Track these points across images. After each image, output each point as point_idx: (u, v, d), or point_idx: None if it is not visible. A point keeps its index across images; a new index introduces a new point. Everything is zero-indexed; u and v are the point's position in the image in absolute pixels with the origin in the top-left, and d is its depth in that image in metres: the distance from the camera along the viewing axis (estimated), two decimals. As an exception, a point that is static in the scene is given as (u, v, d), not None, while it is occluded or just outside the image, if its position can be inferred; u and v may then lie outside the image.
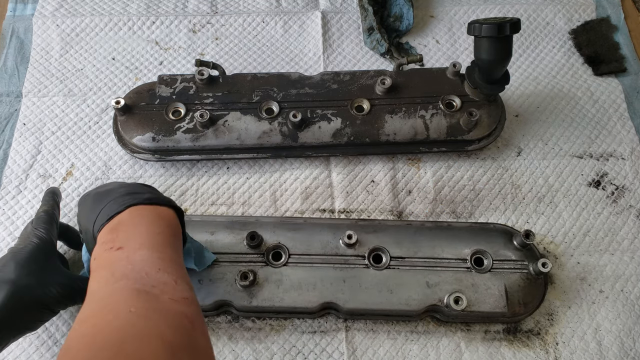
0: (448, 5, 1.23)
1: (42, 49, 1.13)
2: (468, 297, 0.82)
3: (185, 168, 1.01)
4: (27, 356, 0.83)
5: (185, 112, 0.97)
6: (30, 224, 0.79)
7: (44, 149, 1.02)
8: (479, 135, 0.98)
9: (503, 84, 0.94)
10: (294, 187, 1.00)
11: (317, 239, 0.87)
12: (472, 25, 0.85)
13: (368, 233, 0.88)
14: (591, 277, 0.92)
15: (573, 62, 1.16)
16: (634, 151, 1.05)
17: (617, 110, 1.10)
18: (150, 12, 1.19)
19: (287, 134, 0.96)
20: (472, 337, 0.87)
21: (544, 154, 1.04)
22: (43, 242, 0.75)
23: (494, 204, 0.99)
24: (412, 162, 1.03)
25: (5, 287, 0.68)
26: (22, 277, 0.69)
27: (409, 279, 0.85)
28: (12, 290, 0.68)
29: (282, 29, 1.18)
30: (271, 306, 0.83)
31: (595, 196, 1.00)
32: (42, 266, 0.72)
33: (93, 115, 1.06)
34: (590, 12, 1.22)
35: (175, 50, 1.15)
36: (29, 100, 1.07)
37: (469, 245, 0.88)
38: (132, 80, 1.11)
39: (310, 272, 0.85)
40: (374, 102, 0.98)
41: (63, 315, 0.86)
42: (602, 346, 0.87)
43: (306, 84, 1.01)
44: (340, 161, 1.03)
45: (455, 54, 1.17)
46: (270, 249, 0.86)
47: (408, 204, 0.99)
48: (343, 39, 1.18)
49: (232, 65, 1.13)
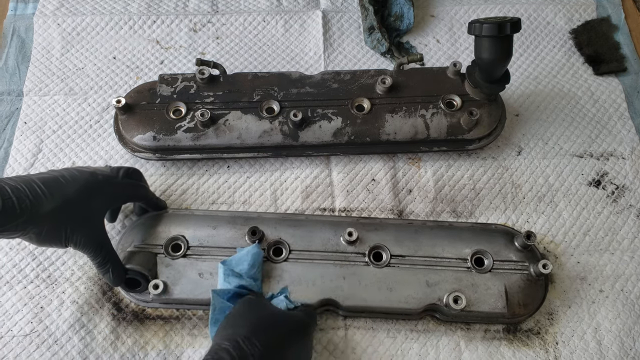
0: (448, 5, 1.23)
1: (43, 48, 1.13)
2: (468, 297, 0.82)
3: (186, 167, 1.01)
4: (28, 354, 0.83)
5: (186, 111, 0.97)
6: (126, 172, 0.84)
7: (45, 147, 1.02)
8: (480, 134, 0.98)
9: (503, 83, 0.94)
10: (294, 186, 1.00)
11: (318, 236, 0.88)
12: (473, 24, 0.86)
13: (369, 231, 0.88)
14: (591, 276, 0.92)
15: (573, 62, 1.16)
16: (634, 151, 1.05)
17: (617, 110, 1.10)
18: (151, 11, 1.19)
19: (287, 133, 0.97)
20: (471, 336, 0.87)
21: (544, 154, 1.04)
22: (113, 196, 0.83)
23: (494, 203, 0.99)
24: (412, 161, 1.03)
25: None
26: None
27: (409, 278, 0.85)
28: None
29: (282, 28, 1.19)
30: None
31: (595, 196, 1.00)
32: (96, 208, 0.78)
33: (94, 114, 1.06)
34: (591, 12, 1.22)
35: (176, 50, 1.15)
36: (30, 99, 1.07)
37: (469, 245, 0.88)
38: (133, 79, 1.11)
39: (311, 269, 0.85)
40: (374, 102, 0.99)
41: (63, 314, 0.86)
42: (602, 345, 0.87)
43: (307, 83, 1.01)
44: (341, 160, 1.03)
45: (455, 53, 1.17)
46: (271, 244, 0.87)
47: (408, 203, 0.99)
48: (344, 38, 1.18)
49: (233, 64, 1.14)
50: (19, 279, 0.89)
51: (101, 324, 0.86)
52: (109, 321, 0.86)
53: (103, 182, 0.79)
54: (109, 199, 0.81)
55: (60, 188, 0.72)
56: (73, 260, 0.91)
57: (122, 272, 0.80)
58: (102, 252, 0.77)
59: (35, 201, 0.69)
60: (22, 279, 0.89)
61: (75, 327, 0.86)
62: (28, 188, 0.69)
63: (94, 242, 0.76)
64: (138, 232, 0.88)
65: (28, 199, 0.68)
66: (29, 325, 0.85)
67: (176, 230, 0.88)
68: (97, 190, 0.77)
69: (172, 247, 0.87)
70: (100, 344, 0.84)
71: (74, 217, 0.73)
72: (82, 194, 0.74)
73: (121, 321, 0.86)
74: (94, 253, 0.76)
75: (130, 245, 0.86)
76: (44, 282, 0.89)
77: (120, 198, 0.86)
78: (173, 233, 0.87)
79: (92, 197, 0.76)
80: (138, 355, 0.84)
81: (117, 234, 0.93)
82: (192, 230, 0.88)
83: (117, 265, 0.79)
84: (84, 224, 0.75)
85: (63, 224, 0.72)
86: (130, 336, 0.85)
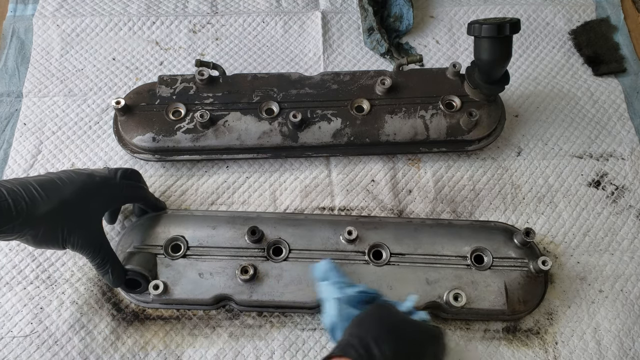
0: (448, 6, 1.24)
1: (42, 49, 1.13)
2: (468, 294, 0.82)
3: (185, 168, 1.01)
4: (28, 355, 0.83)
5: (186, 113, 0.97)
6: (123, 173, 0.84)
7: (45, 148, 1.02)
8: (479, 135, 0.98)
9: (503, 84, 0.94)
10: (293, 187, 1.00)
11: (318, 235, 0.88)
12: (472, 25, 0.86)
13: (368, 229, 0.88)
14: (591, 276, 0.92)
15: (573, 63, 1.17)
16: (634, 151, 1.05)
17: (617, 111, 1.10)
18: (151, 13, 1.19)
19: (287, 134, 0.97)
20: (471, 335, 0.87)
21: (544, 154, 1.05)
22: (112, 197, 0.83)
23: (494, 204, 0.99)
24: (412, 162, 1.03)
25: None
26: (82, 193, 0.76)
27: (408, 276, 0.85)
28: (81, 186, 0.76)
29: (282, 29, 1.19)
30: (271, 300, 0.83)
31: (595, 196, 1.01)
32: (93, 209, 0.78)
33: (93, 116, 1.06)
34: (590, 13, 1.23)
35: (175, 51, 1.15)
36: (30, 100, 1.07)
37: (469, 243, 0.88)
38: (133, 80, 1.11)
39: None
40: (374, 102, 0.99)
41: (63, 315, 0.86)
42: (601, 345, 0.87)
43: (306, 84, 1.01)
44: (340, 161, 1.03)
45: (455, 54, 1.17)
46: (270, 244, 0.87)
47: (408, 203, 0.99)
48: (343, 39, 1.18)
49: (232, 65, 1.14)
50: (19, 280, 0.89)
51: (101, 324, 0.86)
52: (109, 322, 0.86)
53: (100, 183, 0.79)
54: (107, 200, 0.81)
55: (57, 190, 0.72)
56: (73, 262, 0.91)
57: (121, 272, 0.80)
58: (100, 253, 0.77)
59: (31, 203, 0.69)
60: (22, 280, 0.89)
61: (75, 327, 0.86)
62: (24, 190, 0.69)
63: (92, 243, 0.76)
64: (138, 233, 0.88)
65: (24, 201, 0.68)
66: (29, 326, 0.85)
67: (176, 230, 0.88)
68: (94, 192, 0.77)
69: (171, 247, 0.87)
70: (100, 345, 0.84)
71: (71, 218, 0.73)
72: (79, 196, 0.74)
73: (121, 321, 0.86)
74: (92, 254, 0.76)
75: (130, 246, 0.86)
76: (44, 283, 0.89)
77: (118, 199, 0.86)
78: (173, 233, 0.87)
79: (89, 199, 0.76)
80: (138, 356, 0.84)
81: (117, 235, 0.93)
82: (192, 231, 0.88)
83: (116, 266, 0.79)
84: (81, 226, 0.75)
85: (60, 225, 0.72)
86: (130, 336, 0.85)
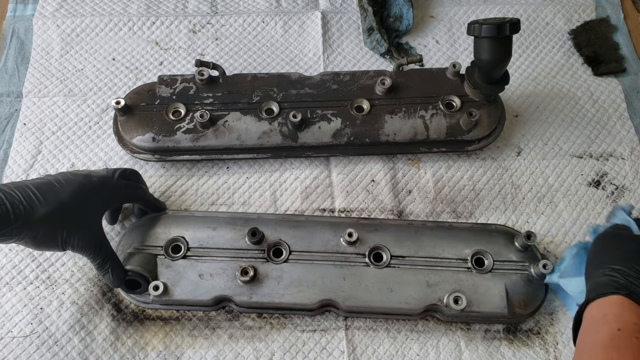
0: (448, 6, 1.23)
1: (42, 49, 1.13)
2: (468, 298, 0.82)
3: (185, 168, 1.01)
4: (28, 355, 0.83)
5: (186, 113, 0.97)
6: (122, 173, 0.84)
7: (45, 149, 1.02)
8: (479, 135, 0.98)
9: (503, 84, 0.94)
10: (293, 187, 1.00)
11: (318, 237, 0.88)
12: (472, 25, 0.86)
13: (369, 231, 0.88)
14: (591, 276, 0.92)
15: (573, 62, 1.17)
16: (634, 151, 1.05)
17: (616, 110, 1.10)
18: (151, 13, 1.19)
19: (287, 134, 0.97)
20: (472, 336, 0.87)
21: (544, 154, 1.05)
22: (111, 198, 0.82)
23: (494, 204, 0.99)
24: (412, 162, 1.03)
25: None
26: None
27: (409, 278, 0.85)
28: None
29: (282, 29, 1.19)
30: (271, 302, 0.83)
31: (595, 196, 1.00)
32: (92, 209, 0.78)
33: (93, 116, 1.06)
34: (590, 13, 1.23)
35: (175, 51, 1.15)
36: (30, 101, 1.07)
37: (469, 246, 0.88)
38: (133, 80, 1.11)
39: (311, 269, 0.85)
40: (373, 103, 0.99)
41: (63, 315, 0.86)
42: (602, 346, 0.87)
43: (306, 84, 1.01)
44: (340, 161, 1.03)
45: (455, 54, 1.17)
46: (271, 245, 0.87)
47: (408, 204, 0.99)
48: (343, 39, 1.18)
49: (232, 65, 1.14)
50: (19, 280, 0.89)
51: (101, 325, 0.86)
52: (108, 322, 0.86)
53: (98, 183, 0.79)
54: (105, 201, 0.81)
55: (55, 192, 0.72)
56: (73, 262, 0.91)
57: (122, 273, 0.80)
58: (100, 253, 0.77)
59: (29, 206, 0.69)
60: (22, 280, 0.89)
61: (75, 328, 0.85)
62: (22, 193, 0.69)
63: (92, 244, 0.76)
64: (138, 233, 0.88)
65: (22, 205, 0.68)
66: (29, 327, 0.85)
67: (176, 231, 0.88)
68: (92, 192, 0.77)
69: (172, 248, 0.87)
70: (100, 345, 0.84)
71: (70, 220, 0.73)
72: (77, 197, 0.74)
73: (121, 322, 0.86)
74: (92, 255, 0.76)
75: (130, 246, 0.86)
76: (44, 284, 0.89)
77: (116, 199, 0.86)
78: (173, 234, 0.87)
79: (88, 200, 0.76)
80: (138, 356, 0.84)
81: (117, 235, 0.93)
82: (192, 232, 0.88)
83: (116, 266, 0.79)
84: (81, 227, 0.75)
85: (59, 227, 0.72)
86: (130, 337, 0.85)
